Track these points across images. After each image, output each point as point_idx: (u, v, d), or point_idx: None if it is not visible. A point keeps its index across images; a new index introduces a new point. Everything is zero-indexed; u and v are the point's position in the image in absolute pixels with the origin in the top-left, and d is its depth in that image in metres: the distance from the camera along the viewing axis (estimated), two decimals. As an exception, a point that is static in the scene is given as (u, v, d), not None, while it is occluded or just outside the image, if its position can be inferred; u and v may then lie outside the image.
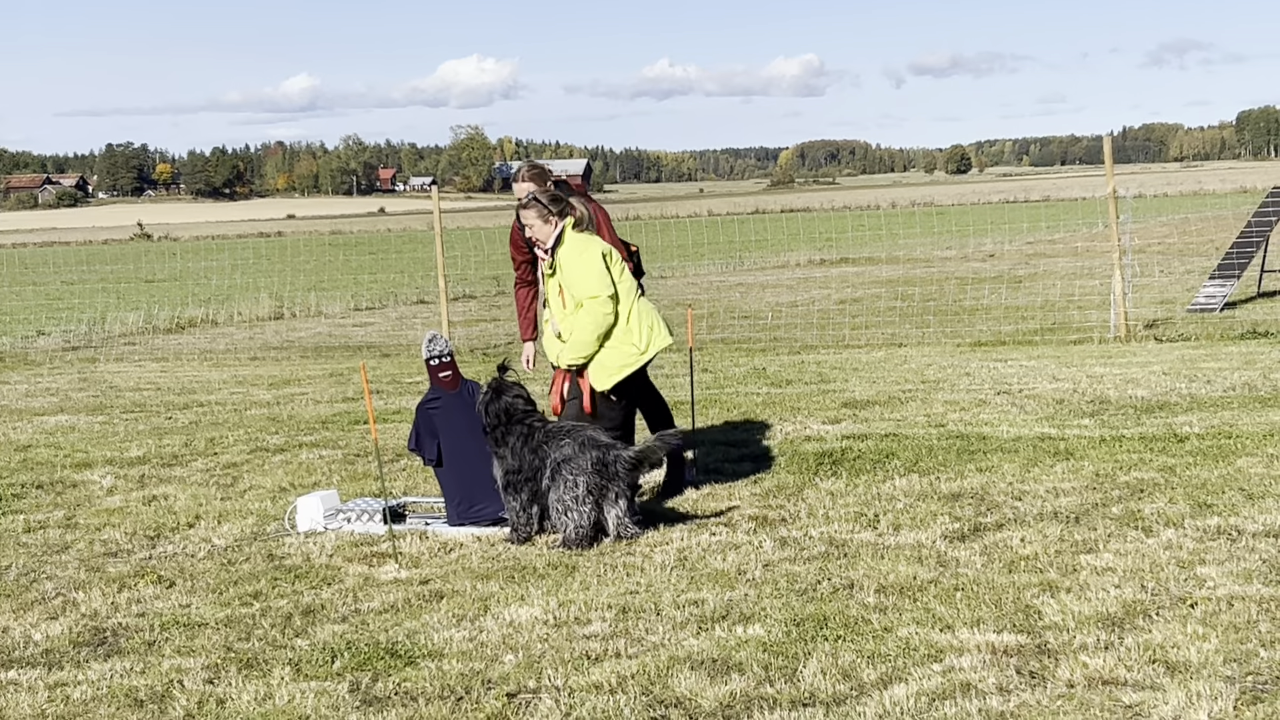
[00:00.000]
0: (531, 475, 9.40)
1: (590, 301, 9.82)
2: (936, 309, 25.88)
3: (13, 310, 38.00)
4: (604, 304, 9.82)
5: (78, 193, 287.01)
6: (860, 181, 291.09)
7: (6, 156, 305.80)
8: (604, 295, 9.82)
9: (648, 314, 10.07)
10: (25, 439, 14.93)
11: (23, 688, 6.86)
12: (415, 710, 6.29)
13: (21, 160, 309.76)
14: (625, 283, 10.00)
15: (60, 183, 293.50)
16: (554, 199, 10.13)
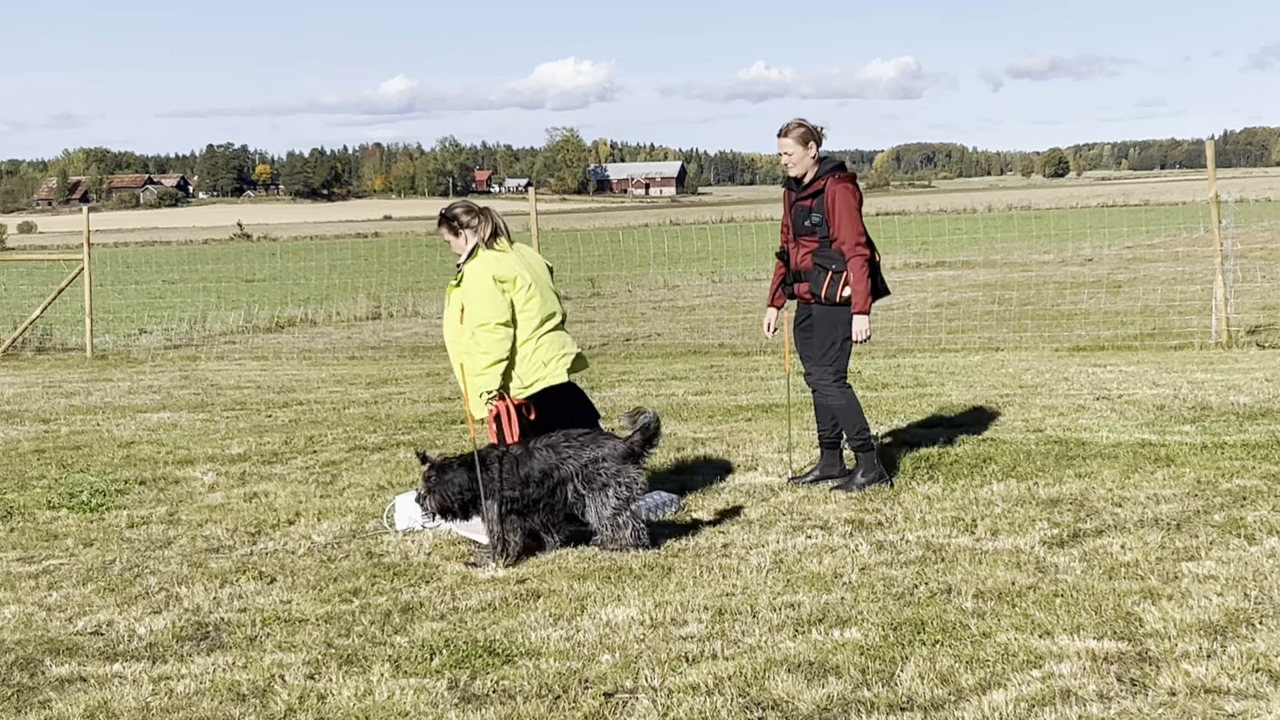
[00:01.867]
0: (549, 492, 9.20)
1: (479, 329, 9.46)
2: (1034, 313, 25.68)
3: (116, 309, 38.54)
4: (493, 330, 9.44)
5: (179, 193, 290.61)
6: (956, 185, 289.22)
7: (110, 157, 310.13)
8: (492, 323, 9.45)
9: (547, 349, 9.66)
10: (128, 435, 15.14)
11: (127, 680, 6.96)
12: (513, 708, 6.33)
13: (124, 160, 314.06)
14: (528, 312, 9.59)
15: (162, 183, 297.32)
16: (469, 210, 9.90)
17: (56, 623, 8.05)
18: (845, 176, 10.60)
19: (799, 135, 10.62)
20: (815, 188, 10.57)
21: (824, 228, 10.52)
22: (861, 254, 10.41)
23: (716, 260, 49.93)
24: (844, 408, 10.76)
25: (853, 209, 10.46)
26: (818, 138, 10.67)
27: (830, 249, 10.49)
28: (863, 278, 10.42)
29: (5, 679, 7.06)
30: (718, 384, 17.67)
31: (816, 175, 10.62)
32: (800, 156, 10.64)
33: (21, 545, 10.10)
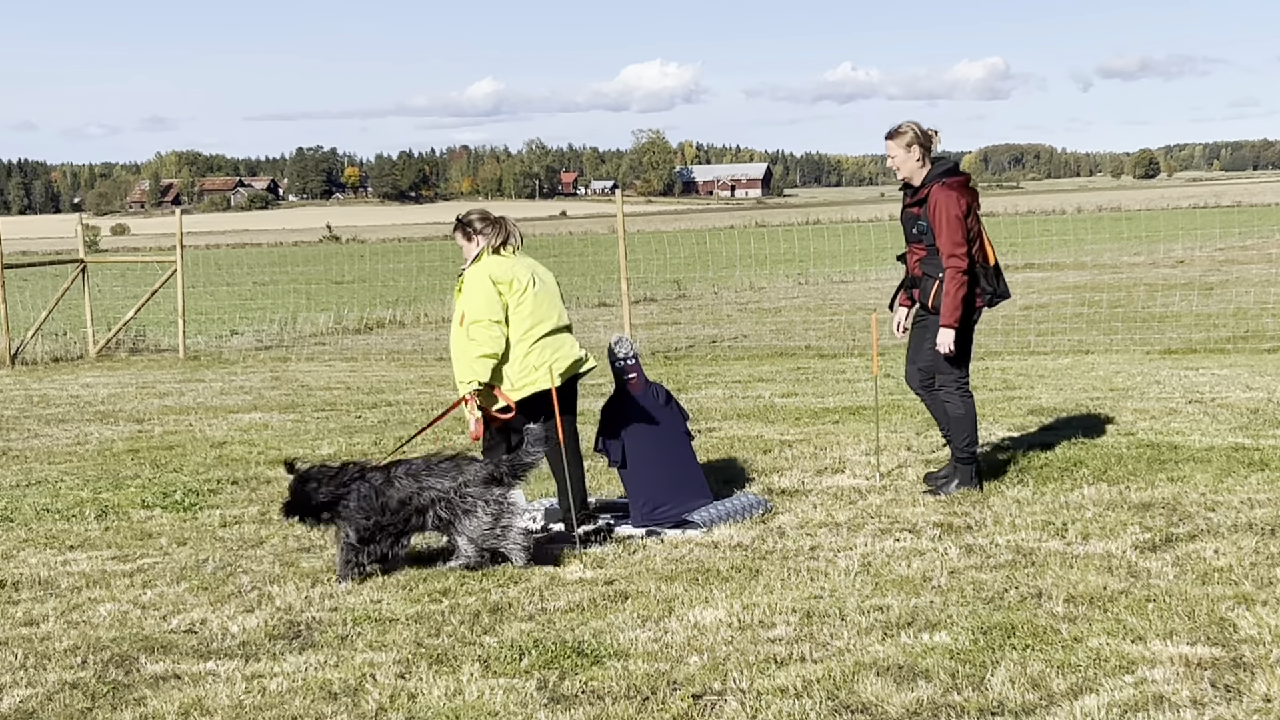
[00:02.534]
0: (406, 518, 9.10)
1: (473, 325, 9.57)
2: (1124, 316, 25.44)
3: (207, 310, 38.96)
4: (487, 327, 9.52)
5: (269, 195, 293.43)
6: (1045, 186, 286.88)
7: (201, 160, 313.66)
8: (485, 320, 9.53)
9: (539, 354, 9.69)
10: (220, 436, 15.31)
11: (221, 678, 7.04)
12: (602, 709, 6.35)
13: (215, 163, 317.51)
14: (520, 314, 9.67)
15: (252, 185, 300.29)
16: (484, 218, 9.98)
17: (151, 621, 8.16)
18: (952, 182, 10.38)
19: (903, 138, 10.48)
20: (922, 194, 10.44)
21: (929, 235, 10.41)
22: (955, 265, 10.26)
23: (802, 262, 49.80)
24: (960, 417, 10.65)
25: (953, 218, 10.28)
26: (925, 141, 10.51)
27: (936, 257, 10.40)
28: (954, 290, 10.29)
29: (101, 676, 7.17)
30: (804, 386, 17.64)
31: (925, 180, 10.48)
32: (903, 159, 10.51)
33: (117, 544, 10.24)
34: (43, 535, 10.61)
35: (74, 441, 15.30)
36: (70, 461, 13.94)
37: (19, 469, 13.62)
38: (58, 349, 26.40)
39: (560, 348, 9.83)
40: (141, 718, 6.54)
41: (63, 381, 21.90)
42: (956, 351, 10.47)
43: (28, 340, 25.79)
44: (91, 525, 10.89)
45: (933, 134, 10.52)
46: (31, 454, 14.53)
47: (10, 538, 10.58)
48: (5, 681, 7.14)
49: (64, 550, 10.09)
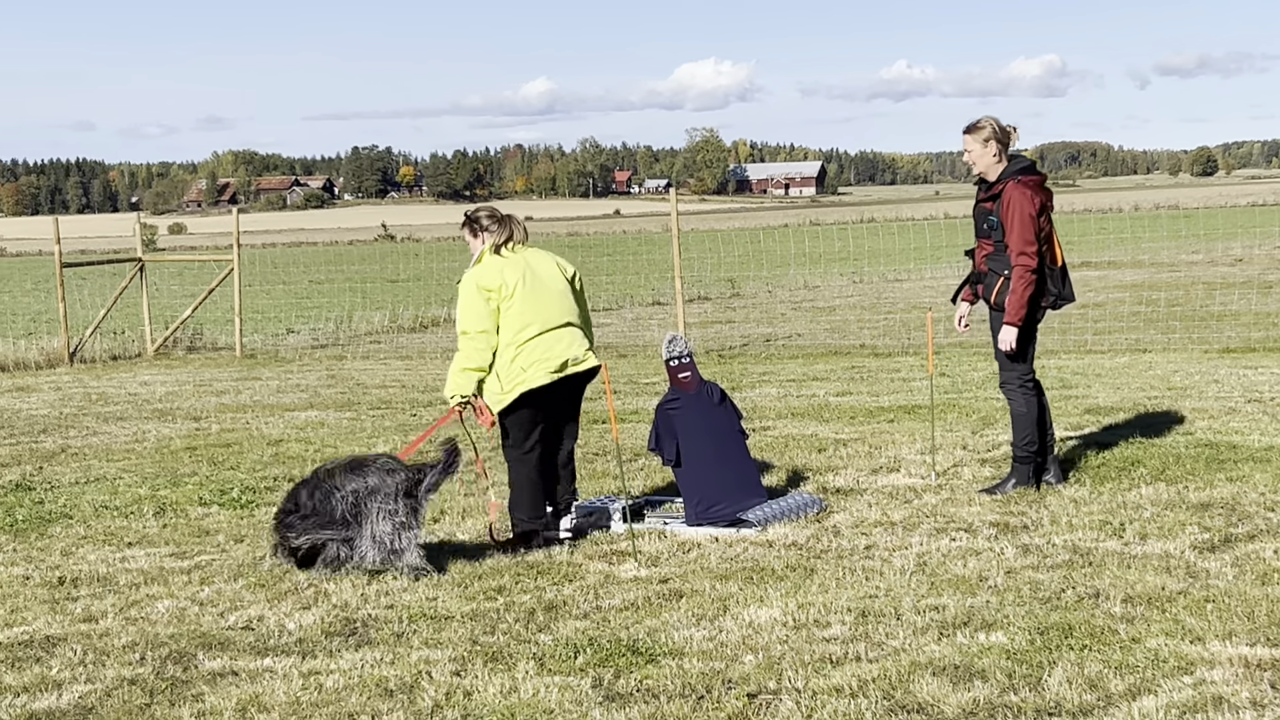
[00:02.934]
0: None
1: (461, 336, 9.60)
2: (1182, 314, 25.25)
3: (264, 309, 39.19)
4: (473, 339, 9.51)
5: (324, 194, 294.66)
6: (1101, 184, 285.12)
7: (257, 159, 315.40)
8: (473, 331, 9.51)
9: (529, 354, 9.55)
10: (277, 433, 15.39)
11: (278, 675, 7.08)
12: (657, 708, 6.35)
13: (271, 162, 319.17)
14: (508, 318, 9.54)
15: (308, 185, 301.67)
16: (491, 215, 9.87)
17: (209, 617, 8.21)
18: (1028, 180, 10.31)
19: (980, 133, 10.42)
20: (996, 190, 10.39)
21: (999, 232, 10.36)
22: (1023, 264, 10.20)
23: (857, 260, 49.69)
24: (1021, 414, 10.59)
25: (1026, 216, 10.21)
26: (1003, 138, 10.44)
27: (1004, 254, 10.36)
28: (1020, 289, 10.23)
29: (159, 672, 7.22)
30: (859, 385, 17.59)
31: (1000, 176, 10.43)
32: (979, 155, 10.45)
33: (174, 541, 10.31)
34: (101, 532, 10.70)
35: (132, 439, 15.42)
36: (128, 459, 14.05)
37: (78, 466, 13.73)
38: (116, 347, 26.60)
39: (553, 346, 9.62)
40: (199, 714, 6.58)
41: (121, 379, 22.07)
42: (1019, 350, 10.42)
43: (86, 338, 26.00)
44: (150, 522, 10.97)
45: (1011, 130, 10.47)
46: (90, 451, 14.65)
47: (69, 534, 10.67)
48: (65, 677, 7.20)
49: (122, 547, 10.17)
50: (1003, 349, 10.40)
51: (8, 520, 11.19)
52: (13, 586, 9.12)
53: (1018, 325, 10.30)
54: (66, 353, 25.05)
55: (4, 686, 7.09)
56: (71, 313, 27.39)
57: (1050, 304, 10.52)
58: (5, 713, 6.72)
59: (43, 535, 10.68)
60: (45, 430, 16.36)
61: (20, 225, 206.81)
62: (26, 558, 9.96)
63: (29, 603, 8.70)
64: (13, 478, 13.12)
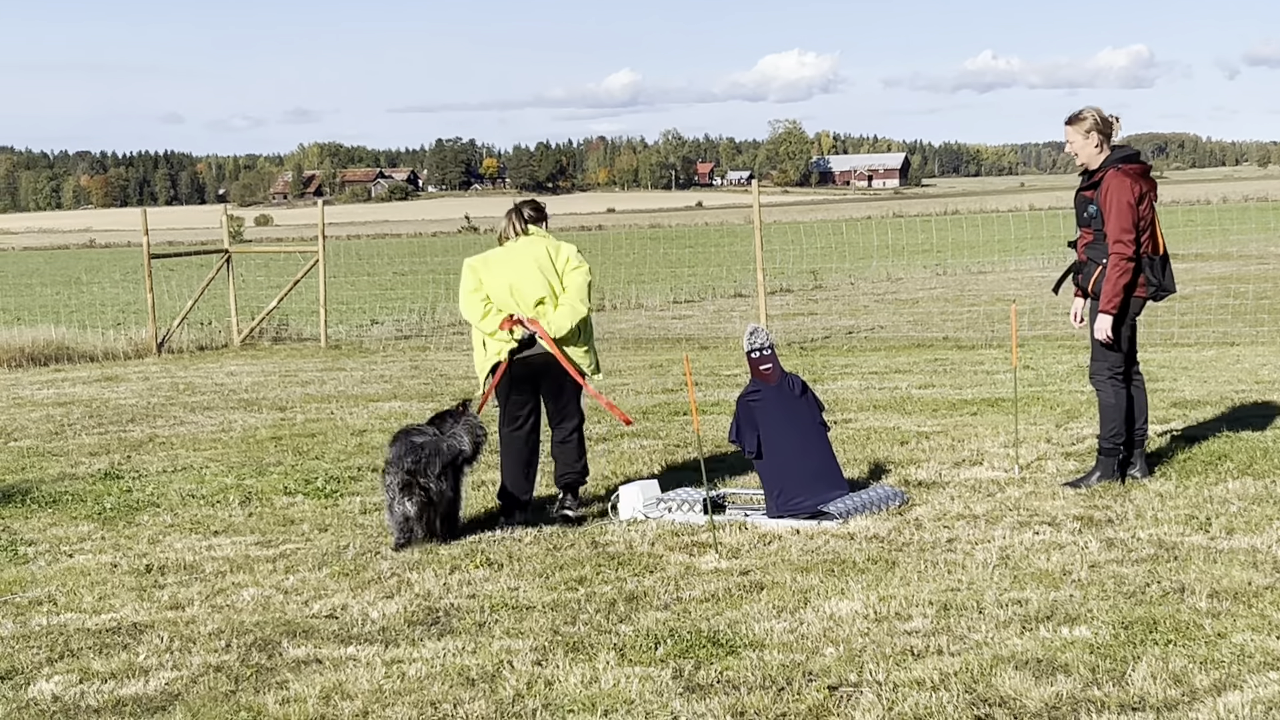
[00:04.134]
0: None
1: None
2: (1271, 307, 24.95)
3: (348, 300, 39.46)
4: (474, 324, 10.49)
5: (408, 186, 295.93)
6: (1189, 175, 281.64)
7: (342, 151, 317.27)
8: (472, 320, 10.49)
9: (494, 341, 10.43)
10: (361, 424, 15.51)
11: (361, 663, 7.14)
12: (738, 699, 6.36)
13: (356, 155, 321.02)
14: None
15: (392, 177, 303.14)
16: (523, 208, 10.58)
17: (293, 605, 8.29)
18: (1129, 169, 10.22)
19: (1082, 124, 10.34)
20: (1097, 178, 10.31)
21: (1099, 220, 10.28)
22: (1120, 251, 10.11)
23: (940, 253, 49.40)
24: (1109, 405, 10.50)
25: (1124, 204, 10.11)
26: (1105, 128, 10.36)
27: (1103, 243, 10.28)
28: (1115, 276, 10.15)
29: (245, 659, 7.30)
30: (942, 378, 17.50)
31: (1102, 165, 10.36)
32: (1081, 145, 10.37)
33: (260, 530, 10.41)
34: (188, 521, 10.82)
35: (218, 429, 15.58)
36: (215, 448, 14.20)
37: (165, 455, 13.90)
38: (203, 338, 26.89)
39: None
40: (284, 701, 6.65)
41: (208, 370, 22.31)
42: (1115, 339, 10.33)
43: (174, 329, 26.29)
44: (235, 511, 11.09)
45: (1113, 120, 10.39)
46: (178, 441, 14.81)
47: (157, 523, 10.80)
48: (151, 664, 7.29)
49: (209, 535, 10.29)
50: (1098, 338, 10.32)
51: (96, 508, 11.34)
52: (101, 574, 9.25)
53: (1112, 313, 10.21)
54: (154, 343, 25.35)
55: (92, 673, 7.19)
56: (159, 303, 27.69)
57: (1150, 295, 10.41)
58: (94, 699, 6.82)
59: (130, 524, 10.82)
60: (133, 420, 16.56)
61: (110, 217, 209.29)
62: (115, 546, 10.10)
63: (116, 590, 8.82)
64: (101, 466, 13.30)
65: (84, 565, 9.51)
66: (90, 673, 7.19)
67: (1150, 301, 10.50)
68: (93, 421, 16.51)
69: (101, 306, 39.28)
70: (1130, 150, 10.39)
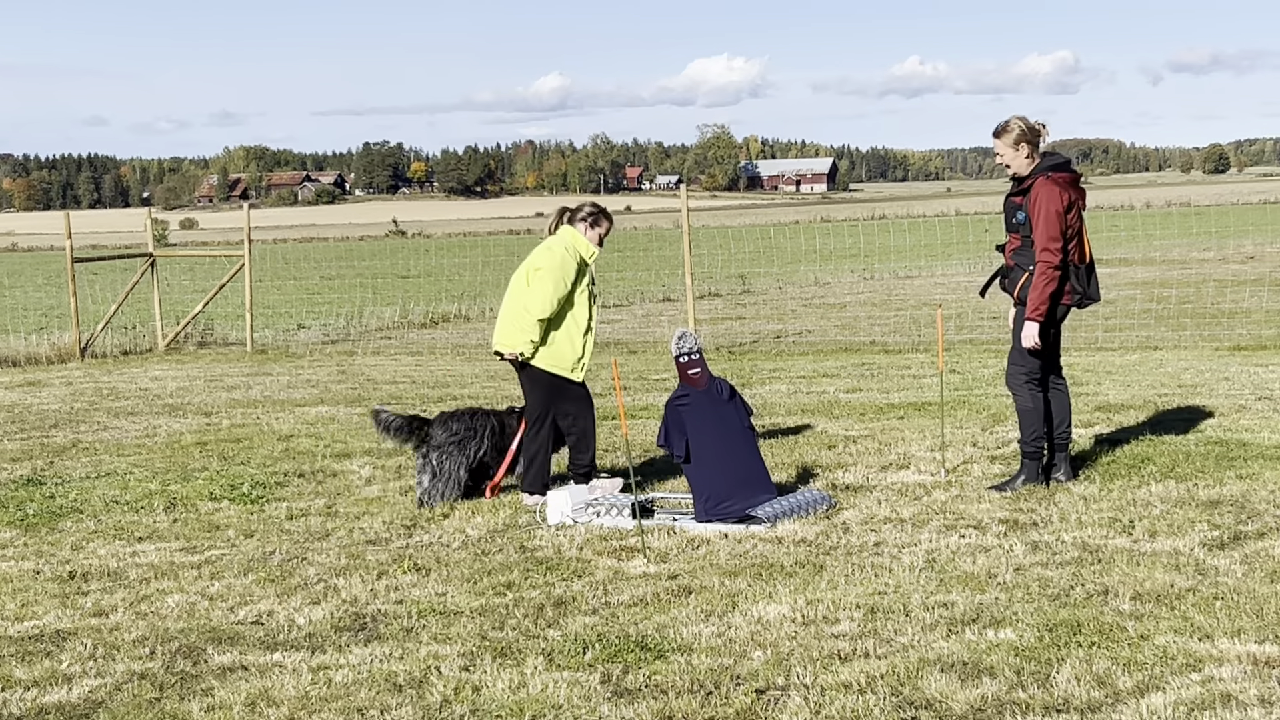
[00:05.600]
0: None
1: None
2: (1193, 312, 25.23)
3: (274, 304, 39.22)
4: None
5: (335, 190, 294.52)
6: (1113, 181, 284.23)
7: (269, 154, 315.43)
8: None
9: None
10: (287, 429, 15.42)
11: (287, 670, 7.09)
12: (666, 703, 6.36)
13: (283, 158, 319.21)
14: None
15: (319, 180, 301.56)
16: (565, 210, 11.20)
17: (219, 612, 8.23)
18: (1059, 178, 10.30)
19: (1009, 135, 10.39)
20: (1026, 184, 10.37)
21: (1027, 227, 10.35)
22: (1048, 260, 10.18)
23: (868, 257, 49.63)
24: (1027, 410, 10.59)
25: (1052, 212, 10.17)
26: (1032, 136, 10.42)
27: (1031, 249, 10.34)
28: (1041, 285, 10.22)
29: (169, 666, 7.24)
30: (869, 382, 17.58)
31: (1032, 173, 10.41)
32: (1011, 156, 10.43)
33: (185, 535, 10.33)
34: (112, 527, 10.72)
35: (143, 434, 15.45)
36: (139, 454, 14.08)
37: (89, 461, 13.76)
38: (127, 342, 26.66)
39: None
40: (209, 708, 6.60)
41: (132, 374, 22.11)
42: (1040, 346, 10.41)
43: (97, 333, 26.05)
44: (160, 517, 11.00)
45: (1040, 127, 10.46)
46: (101, 446, 14.68)
47: (80, 529, 10.70)
48: (75, 671, 7.22)
49: (133, 542, 10.20)
50: (1025, 345, 10.39)
51: (19, 515, 11.22)
52: (23, 581, 9.15)
53: (1039, 321, 10.29)
54: (78, 348, 25.10)
55: (14, 680, 7.11)
56: (83, 308, 27.42)
57: (1075, 302, 10.49)
58: (16, 706, 6.74)
59: (53, 530, 10.71)
60: (56, 425, 16.39)
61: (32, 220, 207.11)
62: (37, 552, 9.99)
63: (39, 597, 8.72)
64: (24, 472, 13.16)
65: (6, 572, 9.41)
66: (12, 680, 7.11)
67: (1075, 308, 10.59)
68: (15, 427, 16.33)
69: (24, 311, 38.88)
70: (1061, 158, 10.47)
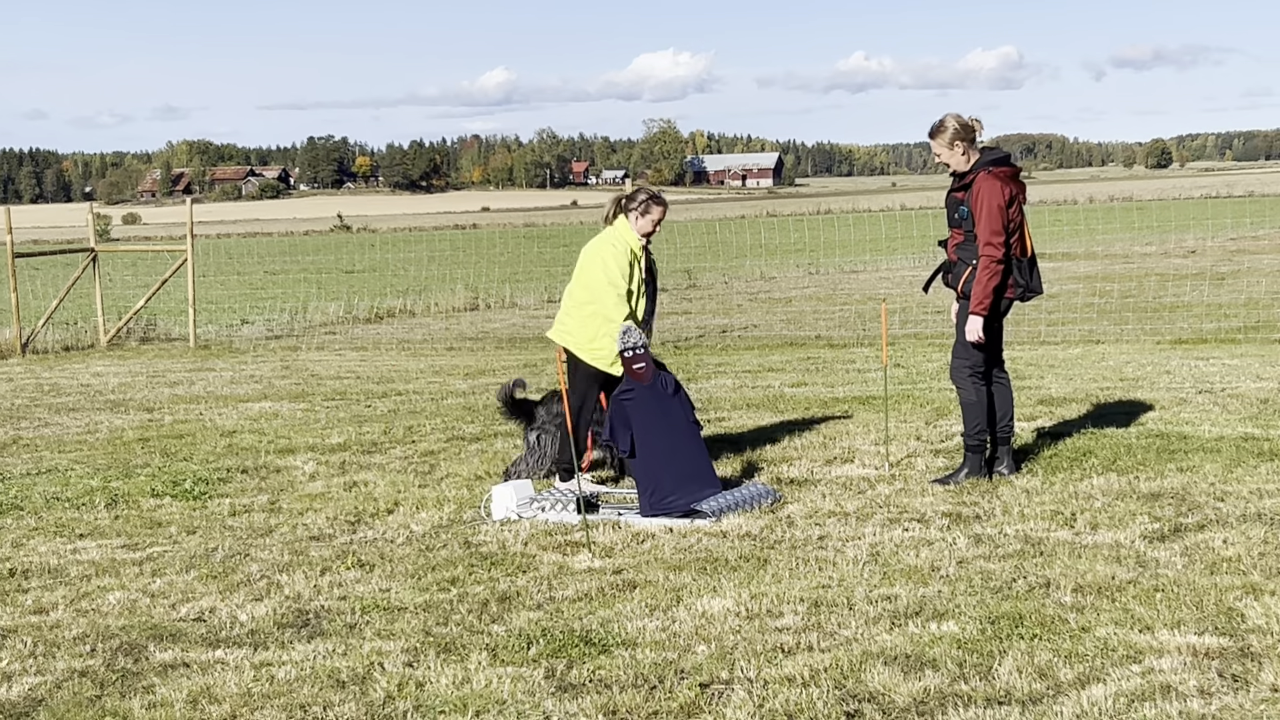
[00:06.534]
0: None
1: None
2: (1135, 306, 25.41)
3: (218, 299, 39.00)
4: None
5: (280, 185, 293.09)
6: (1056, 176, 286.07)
7: (212, 149, 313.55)
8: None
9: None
10: (230, 425, 15.33)
11: (229, 667, 7.06)
12: (610, 698, 6.36)
13: (227, 153, 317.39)
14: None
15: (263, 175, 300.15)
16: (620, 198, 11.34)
17: (160, 609, 8.18)
18: (999, 171, 10.33)
19: (943, 135, 10.42)
20: (968, 179, 10.41)
21: (969, 221, 10.39)
22: (991, 254, 10.22)
23: (813, 252, 49.78)
24: (971, 403, 10.64)
25: (994, 207, 10.21)
26: (966, 134, 10.45)
27: (974, 244, 10.39)
28: (985, 279, 10.26)
29: (110, 664, 7.19)
30: (814, 376, 17.63)
31: (973, 167, 10.45)
32: (947, 154, 10.46)
33: (126, 532, 10.26)
34: (52, 524, 10.63)
35: (84, 430, 15.33)
36: (80, 450, 13.97)
37: (29, 457, 13.65)
38: (68, 338, 26.45)
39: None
40: (150, 705, 6.55)
41: (73, 370, 21.94)
42: (984, 340, 10.46)
43: (39, 329, 25.83)
44: (101, 514, 10.92)
45: (973, 123, 10.50)
46: (42, 442, 14.56)
47: (20, 526, 10.60)
48: (14, 669, 7.16)
49: (74, 539, 10.12)
50: (969, 339, 10.43)
51: (-42, 512, 11.11)
52: (-38, 578, 9.06)
53: (982, 315, 10.34)
54: (18, 343, 24.88)
55: (-47, 679, 7.05)
56: (24, 303, 27.20)
57: (1017, 295, 10.54)
58: (-46, 705, 6.68)
59: (-7, 527, 10.61)
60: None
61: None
62: (-23, 550, 9.90)
63: (-21, 595, 8.64)
64: (-37, 469, 13.03)
65: (-56, 570, 9.32)
66: (-50, 680, 7.04)
67: (1018, 301, 10.64)
68: (-46, 423, 16.17)
69: (-36, 306, 38.52)
70: (1001, 153, 10.52)
